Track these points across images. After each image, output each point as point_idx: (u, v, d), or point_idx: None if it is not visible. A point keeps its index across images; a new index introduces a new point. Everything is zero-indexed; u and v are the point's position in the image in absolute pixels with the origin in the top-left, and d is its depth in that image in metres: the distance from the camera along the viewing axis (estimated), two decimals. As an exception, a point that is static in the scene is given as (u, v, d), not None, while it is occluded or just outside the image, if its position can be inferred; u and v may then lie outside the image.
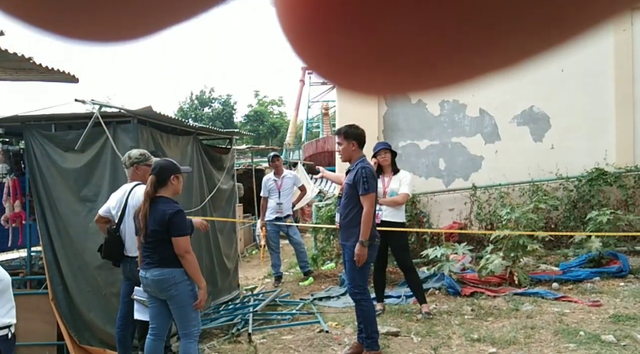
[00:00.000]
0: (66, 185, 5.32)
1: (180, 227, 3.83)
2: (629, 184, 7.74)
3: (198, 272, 3.95)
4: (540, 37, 0.23)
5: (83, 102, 4.99)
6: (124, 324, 4.52)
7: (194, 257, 3.91)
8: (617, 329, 4.83)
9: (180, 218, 3.84)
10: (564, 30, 0.23)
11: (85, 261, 5.22)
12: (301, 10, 0.24)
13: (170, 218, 3.79)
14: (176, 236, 3.82)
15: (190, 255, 3.87)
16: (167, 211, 3.82)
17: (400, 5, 0.22)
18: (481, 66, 0.24)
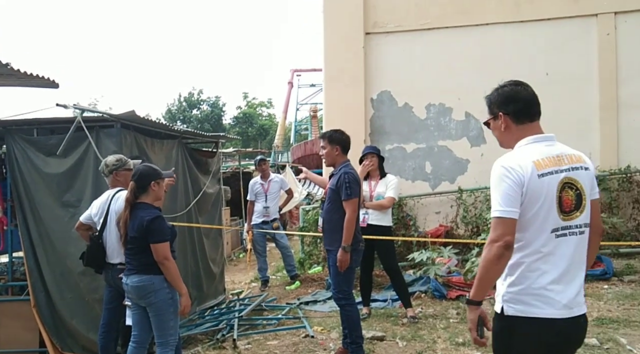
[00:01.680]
0: (48, 190, 5.27)
1: (158, 233, 3.78)
2: (613, 187, 7.80)
3: (178, 279, 3.88)
4: None
5: (65, 107, 4.94)
6: (106, 331, 4.47)
7: (173, 263, 3.85)
8: (600, 333, 4.86)
9: (158, 224, 3.79)
10: None
11: (68, 267, 5.17)
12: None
13: (147, 224, 3.75)
14: (154, 243, 3.77)
15: (169, 262, 3.80)
16: (145, 217, 3.78)
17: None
18: None
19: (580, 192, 2.22)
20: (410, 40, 8.84)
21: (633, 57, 8.04)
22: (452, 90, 8.58)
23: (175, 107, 47.02)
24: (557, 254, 2.16)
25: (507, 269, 2.19)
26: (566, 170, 2.21)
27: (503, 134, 2.40)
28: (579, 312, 2.19)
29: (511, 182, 2.14)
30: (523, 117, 2.35)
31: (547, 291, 2.13)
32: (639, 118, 7.92)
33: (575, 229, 2.20)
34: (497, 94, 2.40)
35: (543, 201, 2.15)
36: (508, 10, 8.48)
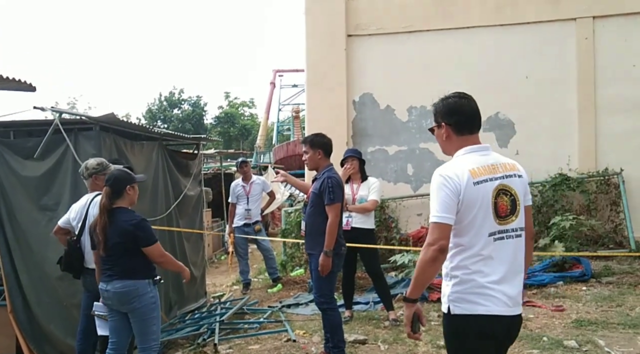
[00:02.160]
0: (26, 194, 5.17)
1: (149, 236, 3.81)
2: (591, 190, 7.91)
3: (179, 265, 4.16)
4: None
5: (42, 110, 4.86)
6: (84, 337, 4.40)
7: (169, 256, 4.04)
8: (579, 334, 4.92)
9: (145, 228, 3.81)
10: None
11: (46, 272, 5.09)
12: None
13: (135, 230, 3.73)
14: (147, 246, 3.79)
15: (166, 257, 3.97)
16: (129, 221, 3.75)
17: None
18: None
19: (514, 198, 2.37)
20: (393, 42, 8.87)
21: (611, 61, 8.16)
22: (433, 93, 8.45)
23: (155, 106, 46.60)
24: (496, 256, 2.31)
25: (451, 271, 2.34)
26: (500, 177, 2.36)
27: (444, 142, 2.53)
28: (518, 312, 2.38)
29: (448, 191, 2.28)
30: (464, 129, 2.47)
31: (490, 290, 2.28)
32: (617, 121, 8.03)
33: (512, 232, 2.35)
34: (442, 104, 2.52)
35: (479, 207, 2.29)
36: (489, 14, 8.55)
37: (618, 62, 8.13)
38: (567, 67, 8.29)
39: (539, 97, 8.34)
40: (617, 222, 7.85)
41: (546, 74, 8.34)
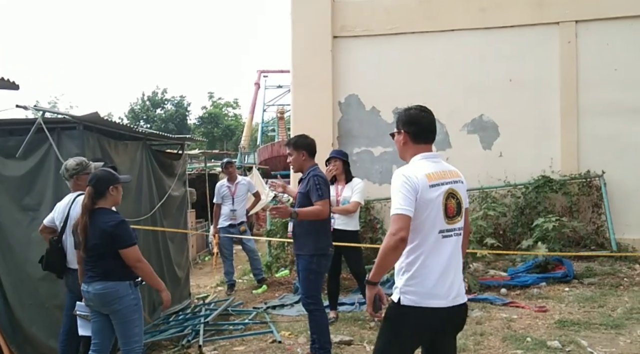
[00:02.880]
0: (7, 193, 5.09)
1: (126, 238, 3.74)
2: (574, 191, 8.01)
3: (155, 277, 3.92)
4: None
5: (25, 108, 4.78)
6: (67, 338, 4.34)
7: (146, 264, 3.85)
8: (562, 335, 4.97)
9: (123, 229, 3.74)
10: None
11: (27, 273, 5.01)
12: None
13: (113, 231, 3.68)
14: (124, 248, 3.71)
15: (142, 263, 3.80)
16: (108, 222, 3.71)
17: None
18: None
19: (459, 201, 2.71)
20: (378, 44, 8.90)
21: (593, 64, 8.27)
22: (418, 94, 8.62)
23: (138, 106, 46.20)
24: (441, 252, 2.61)
25: (405, 266, 2.62)
26: (450, 183, 2.68)
27: (402, 148, 2.83)
28: (460, 301, 2.66)
29: (409, 188, 2.55)
30: (420, 138, 2.77)
31: (435, 285, 2.58)
32: (599, 124, 8.14)
33: (456, 231, 2.68)
34: (404, 114, 2.82)
35: (432, 207, 2.59)
36: (474, 17, 8.62)
37: (600, 65, 8.24)
38: (550, 70, 8.38)
39: (522, 100, 8.42)
40: (599, 224, 7.96)
41: (529, 77, 8.42)
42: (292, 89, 9.55)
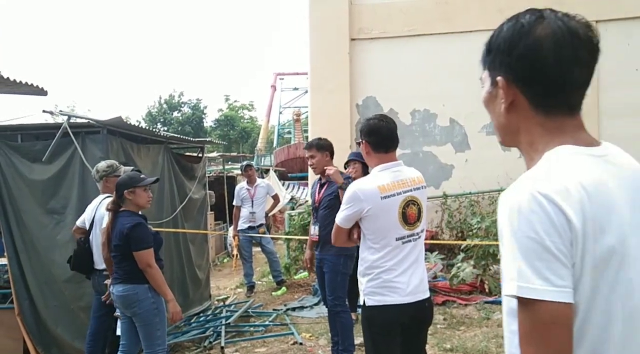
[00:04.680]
0: (33, 197, 5.20)
1: (140, 240, 3.76)
2: (595, 193, 7.92)
3: (163, 285, 3.87)
4: None
5: (51, 114, 4.89)
6: (93, 340, 4.42)
7: (157, 270, 3.83)
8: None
9: (139, 231, 3.78)
10: None
11: (53, 275, 5.11)
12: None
13: (128, 232, 3.73)
14: (137, 250, 3.76)
15: (152, 269, 3.78)
16: (125, 224, 3.77)
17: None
18: None
19: (419, 207, 2.88)
20: (395, 46, 8.91)
21: (614, 65, 8.16)
22: (436, 96, 8.65)
23: (155, 109, 46.58)
24: (402, 256, 2.78)
25: (366, 270, 2.80)
26: (409, 191, 2.84)
27: (366, 157, 2.99)
28: (422, 297, 2.83)
29: (354, 208, 2.78)
30: (379, 147, 2.90)
31: (396, 284, 2.75)
32: (620, 126, 8.05)
33: (416, 235, 2.85)
34: (365, 124, 2.96)
35: (387, 217, 2.76)
36: (491, 18, 8.57)
37: (621, 66, 8.15)
38: (570, 70, 8.30)
39: (542, 101, 8.37)
40: (620, 225, 7.87)
41: (549, 77, 8.36)
42: (309, 92, 9.58)
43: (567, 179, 1.04)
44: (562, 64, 1.11)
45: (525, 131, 1.18)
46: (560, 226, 1.00)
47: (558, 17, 1.15)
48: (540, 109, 1.15)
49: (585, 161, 1.10)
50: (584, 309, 1.03)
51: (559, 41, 1.11)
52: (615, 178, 1.10)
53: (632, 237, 1.07)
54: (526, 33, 1.13)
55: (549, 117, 1.15)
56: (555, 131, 1.15)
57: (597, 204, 1.04)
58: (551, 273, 0.98)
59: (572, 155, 1.10)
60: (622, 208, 1.07)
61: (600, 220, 1.03)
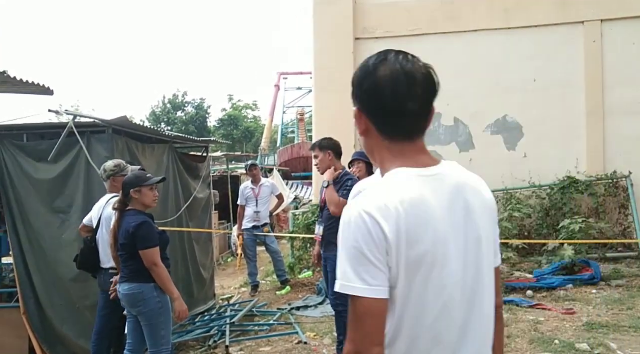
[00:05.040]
0: (38, 196, 5.21)
1: (145, 239, 3.76)
2: (600, 193, 7.91)
3: (169, 284, 3.87)
4: None
5: (57, 113, 4.89)
6: (99, 338, 4.42)
7: (163, 269, 3.84)
8: (590, 338, 4.92)
9: (144, 230, 3.78)
10: None
11: (58, 274, 5.12)
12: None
13: (134, 231, 3.74)
14: (143, 249, 3.76)
15: (158, 268, 3.78)
16: (131, 223, 3.77)
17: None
18: None
19: None
20: (400, 46, 8.66)
21: (619, 64, 8.17)
22: (441, 96, 8.45)
23: (159, 109, 46.63)
24: None
25: None
26: None
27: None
28: None
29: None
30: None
31: None
32: (625, 125, 8.04)
33: None
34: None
35: None
36: (497, 17, 8.58)
37: (626, 65, 8.14)
38: (575, 70, 8.30)
39: (547, 101, 8.35)
40: (626, 225, 7.86)
41: (554, 77, 8.35)
42: (314, 92, 9.59)
43: (390, 197, 1.27)
44: (398, 98, 1.34)
45: (377, 153, 1.43)
46: (377, 238, 1.24)
47: (398, 60, 1.37)
48: (385, 135, 1.40)
49: (412, 181, 1.31)
50: (401, 302, 1.28)
51: (396, 80, 1.35)
52: (437, 194, 1.32)
53: (449, 244, 1.30)
54: (371, 73, 1.38)
55: (393, 143, 1.39)
56: (397, 154, 1.38)
57: (413, 218, 1.26)
58: (368, 275, 1.24)
59: (403, 176, 1.33)
60: (440, 220, 1.29)
61: (415, 231, 1.26)
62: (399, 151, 1.38)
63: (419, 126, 1.40)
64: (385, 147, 1.40)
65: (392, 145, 1.39)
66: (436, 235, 1.28)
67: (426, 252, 1.26)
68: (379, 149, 1.42)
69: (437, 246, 1.28)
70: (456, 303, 1.32)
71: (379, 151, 1.42)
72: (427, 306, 1.29)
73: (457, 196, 1.35)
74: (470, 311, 1.34)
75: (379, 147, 1.41)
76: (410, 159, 1.36)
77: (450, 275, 1.30)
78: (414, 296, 1.28)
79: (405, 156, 1.37)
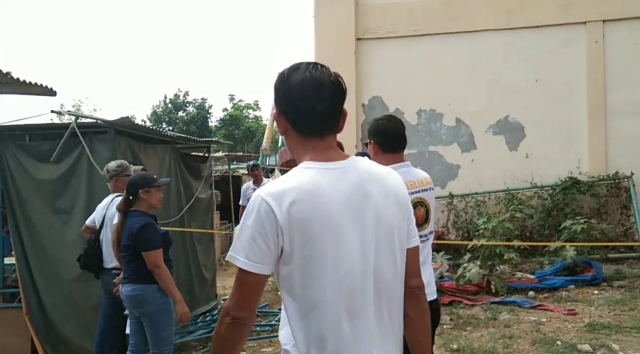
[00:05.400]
0: (41, 197, 5.21)
1: (149, 241, 3.75)
2: (602, 193, 7.91)
3: (172, 286, 3.85)
4: None
5: (59, 114, 4.89)
6: (102, 339, 4.42)
7: (165, 271, 3.81)
8: (592, 339, 4.92)
9: (148, 232, 3.76)
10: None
11: (61, 274, 5.12)
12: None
13: (137, 232, 3.72)
14: (146, 251, 3.74)
15: (160, 269, 3.77)
16: (135, 224, 3.76)
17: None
18: None
19: (427, 209, 2.79)
20: (402, 46, 8.90)
21: (621, 64, 8.17)
22: (442, 96, 8.65)
23: (160, 108, 46.65)
24: None
25: None
26: (418, 191, 2.76)
27: (374, 158, 2.85)
28: (430, 299, 2.68)
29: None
30: (387, 148, 2.85)
31: None
32: (627, 125, 8.04)
33: (424, 237, 2.73)
34: (373, 124, 2.91)
35: None
36: (499, 18, 8.57)
37: (628, 65, 8.14)
38: (577, 70, 8.30)
39: (548, 101, 8.35)
40: (628, 226, 7.86)
41: (556, 77, 8.35)
42: (315, 92, 9.58)
43: (286, 186, 1.50)
44: (307, 100, 1.55)
45: (294, 149, 1.65)
46: (268, 221, 1.46)
47: (308, 69, 1.59)
48: (299, 133, 1.60)
49: (312, 172, 1.53)
50: (299, 276, 1.49)
51: (305, 85, 1.56)
52: (337, 183, 1.53)
53: (342, 226, 1.50)
54: (285, 80, 1.60)
55: (306, 140, 1.59)
56: (309, 150, 1.58)
57: (306, 203, 1.47)
58: (251, 252, 1.47)
59: (305, 169, 1.55)
60: (334, 204, 1.50)
61: (307, 214, 1.46)
62: (310, 147, 1.58)
63: (329, 125, 1.60)
64: (300, 144, 1.60)
65: (305, 141, 1.59)
66: (329, 217, 1.48)
67: (317, 231, 1.47)
68: (296, 146, 1.62)
69: (328, 227, 1.48)
70: (356, 275, 1.51)
71: (295, 148, 1.63)
72: (326, 278, 1.49)
73: (358, 185, 1.55)
74: (371, 282, 1.53)
75: (296, 144, 1.62)
76: (319, 153, 1.56)
77: (347, 251, 1.50)
78: (313, 269, 1.48)
79: (315, 152, 1.57)
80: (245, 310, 1.51)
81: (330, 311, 1.49)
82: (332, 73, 1.61)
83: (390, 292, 1.59)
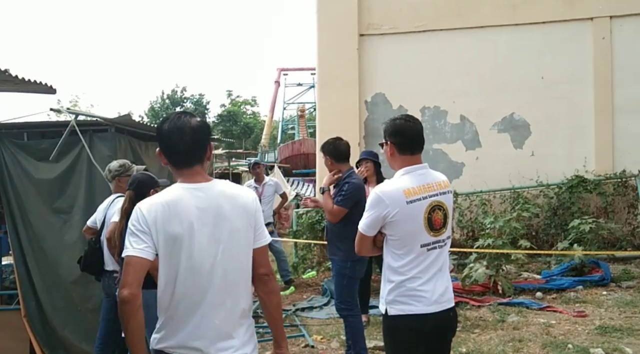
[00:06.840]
0: (39, 196, 5.10)
1: None
2: (609, 192, 7.81)
3: None
4: None
5: (58, 112, 4.77)
6: (103, 343, 4.31)
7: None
8: (604, 342, 4.82)
9: None
10: None
11: (60, 276, 5.02)
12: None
13: None
14: None
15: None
16: None
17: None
18: None
19: (446, 213, 2.70)
20: (405, 42, 8.77)
21: (628, 61, 8.07)
22: (446, 93, 8.53)
23: (158, 104, 46.44)
24: (427, 263, 2.63)
25: (389, 277, 2.68)
26: (435, 195, 2.66)
27: (390, 159, 2.81)
28: (448, 306, 2.68)
29: (378, 212, 2.62)
30: (405, 149, 2.72)
31: (419, 292, 2.61)
32: (634, 122, 7.94)
33: (442, 242, 2.69)
34: (390, 124, 2.79)
35: (412, 222, 2.60)
36: (503, 13, 8.45)
37: (636, 62, 8.04)
38: (583, 67, 8.19)
39: (555, 98, 8.24)
40: (635, 225, 7.76)
41: (562, 74, 8.24)
42: (317, 89, 9.47)
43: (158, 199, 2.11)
44: (172, 143, 2.13)
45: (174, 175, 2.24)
46: (143, 222, 2.06)
47: (175, 119, 2.16)
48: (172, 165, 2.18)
49: (178, 190, 2.12)
50: (166, 264, 2.11)
51: (170, 132, 2.13)
52: (196, 199, 2.10)
53: (196, 230, 2.07)
54: (160, 127, 2.18)
55: (178, 169, 2.17)
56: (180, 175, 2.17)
57: (169, 212, 2.06)
58: (135, 243, 2.06)
59: (175, 188, 2.14)
60: (191, 213, 2.07)
61: (168, 219, 2.05)
62: (180, 174, 2.15)
63: (193, 158, 2.13)
64: (175, 172, 2.17)
65: (177, 170, 2.16)
66: (186, 223, 2.05)
67: (177, 232, 2.05)
68: (174, 172, 2.19)
69: (185, 229, 2.05)
70: (205, 267, 2.09)
71: (174, 174, 2.20)
72: (180, 267, 2.08)
73: (213, 200, 2.11)
74: (218, 274, 2.10)
75: (173, 171, 2.19)
76: (187, 178, 2.13)
77: (199, 248, 2.07)
78: (172, 261, 2.08)
79: (184, 177, 2.14)
80: (128, 287, 2.06)
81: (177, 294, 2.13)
82: (196, 120, 2.16)
83: (233, 283, 2.14)
